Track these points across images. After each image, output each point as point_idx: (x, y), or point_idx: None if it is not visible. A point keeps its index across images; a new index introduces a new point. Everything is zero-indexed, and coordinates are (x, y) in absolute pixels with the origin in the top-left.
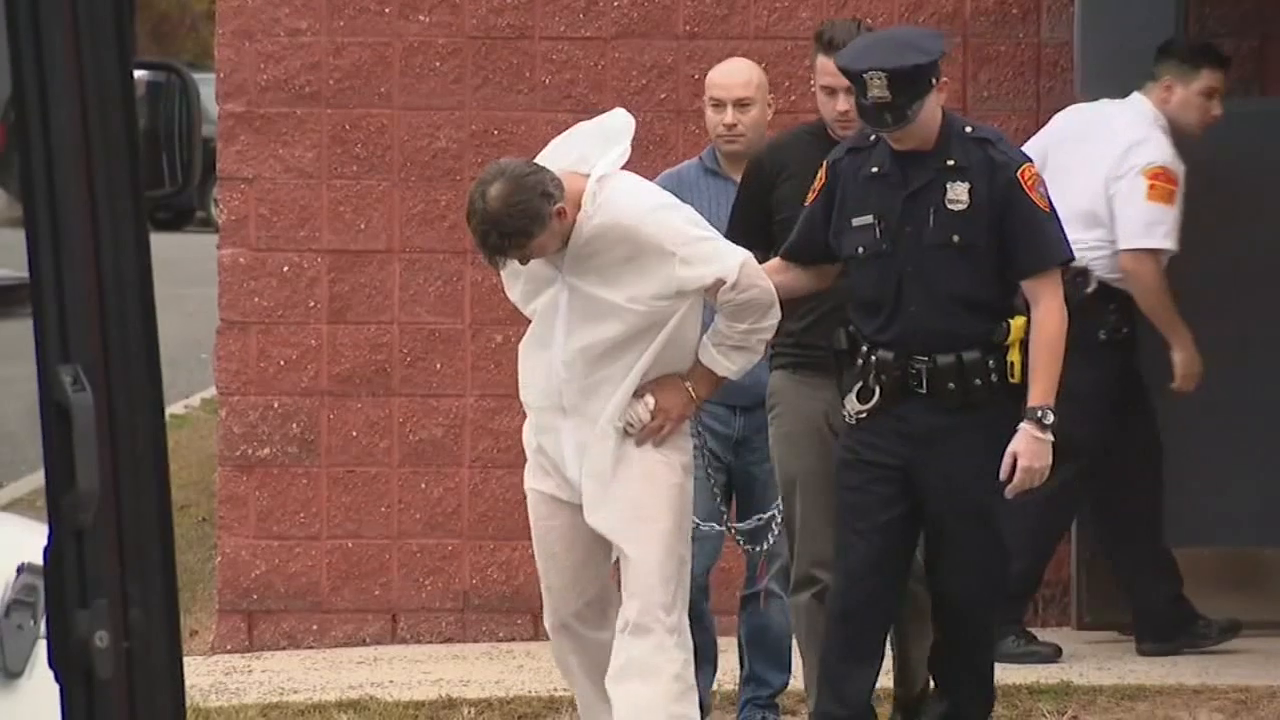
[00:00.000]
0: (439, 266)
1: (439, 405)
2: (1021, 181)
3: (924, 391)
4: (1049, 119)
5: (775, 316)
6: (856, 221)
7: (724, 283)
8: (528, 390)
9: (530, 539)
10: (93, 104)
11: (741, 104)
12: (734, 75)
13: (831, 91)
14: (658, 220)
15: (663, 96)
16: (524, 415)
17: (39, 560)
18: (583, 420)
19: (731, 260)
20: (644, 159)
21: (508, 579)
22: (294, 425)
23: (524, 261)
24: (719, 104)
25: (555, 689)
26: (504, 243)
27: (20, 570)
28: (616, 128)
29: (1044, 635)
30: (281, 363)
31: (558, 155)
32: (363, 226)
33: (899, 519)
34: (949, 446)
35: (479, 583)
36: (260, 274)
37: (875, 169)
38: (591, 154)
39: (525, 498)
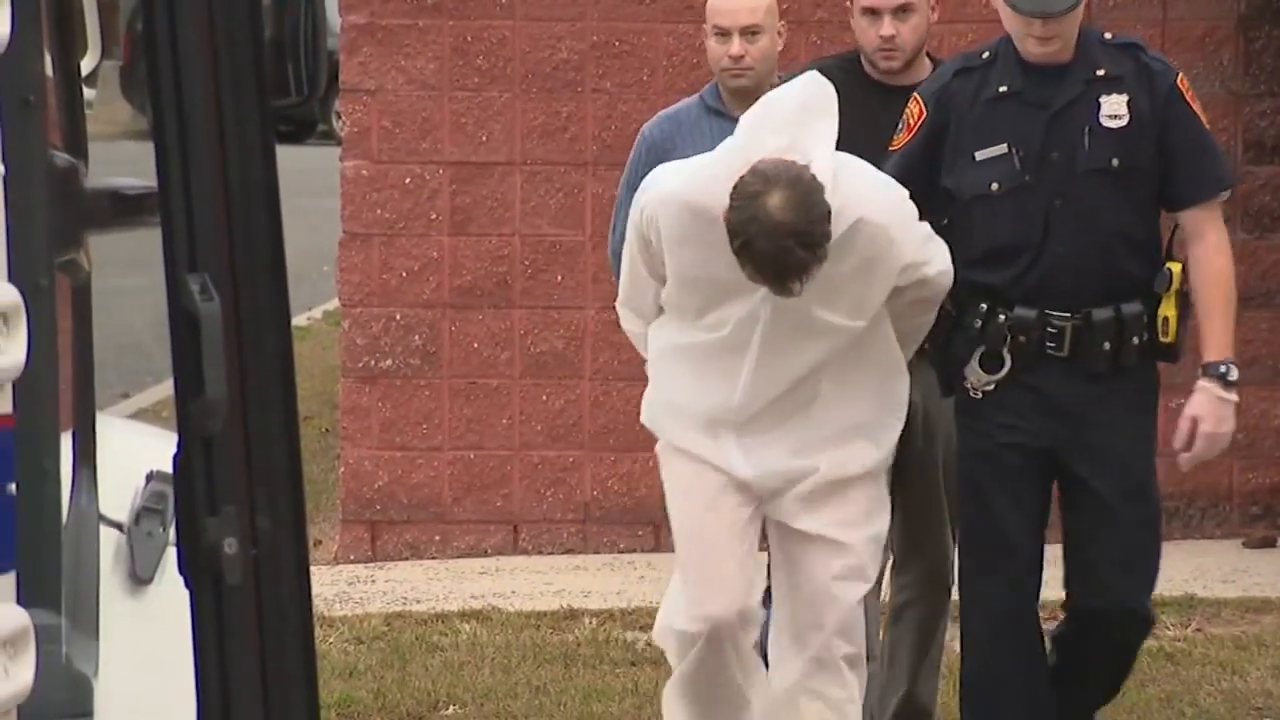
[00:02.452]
0: (560, 178)
1: (560, 317)
2: (1182, 91)
3: (1064, 355)
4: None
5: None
6: (984, 154)
7: (928, 279)
8: (687, 406)
9: (650, 450)
10: (219, 13)
11: (749, 32)
12: (739, 0)
13: (874, 14)
14: (904, 214)
15: (784, 6)
16: None
17: (168, 468)
18: (759, 434)
19: (946, 252)
20: None
21: (629, 490)
22: (416, 337)
23: (801, 289)
24: (723, 33)
25: None
26: (809, 257)
27: (149, 478)
28: (817, 99)
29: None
30: (403, 274)
31: (758, 142)
32: (484, 138)
33: (1043, 517)
34: (1100, 420)
35: (600, 494)
36: (382, 186)
37: (1003, 88)
38: (801, 137)
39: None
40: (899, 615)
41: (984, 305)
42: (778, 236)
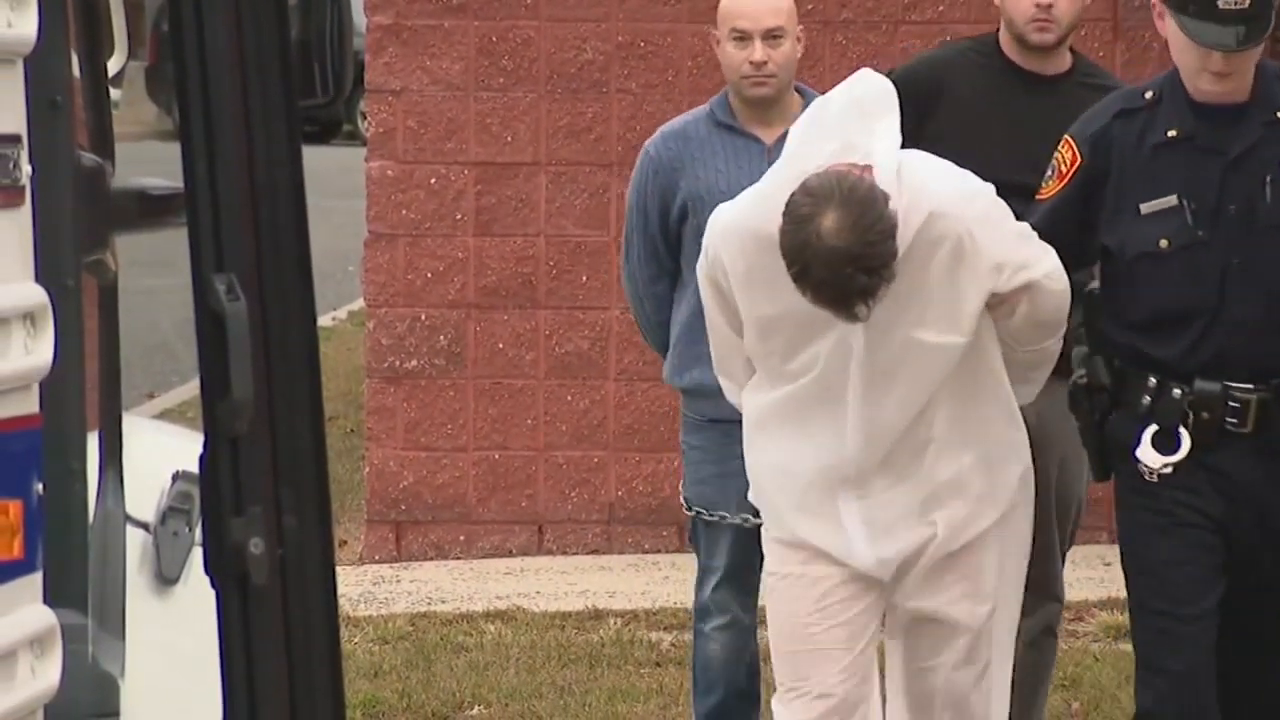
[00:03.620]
0: (585, 179)
1: (585, 318)
2: None
3: (1249, 431)
4: None
5: (1063, 330)
6: (1150, 207)
7: (1037, 284)
8: (796, 469)
9: (675, 450)
10: (246, 13)
11: (772, 36)
12: (762, 1)
13: None
14: (985, 207)
15: (810, 7)
16: None
17: (194, 468)
18: (879, 493)
19: (1054, 257)
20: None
21: (653, 491)
22: (441, 337)
23: (870, 312)
24: (743, 37)
25: None
26: (873, 281)
27: (175, 478)
28: (874, 97)
29: None
30: (428, 275)
31: (810, 150)
32: (509, 139)
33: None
34: (1276, 498)
35: (625, 494)
36: (407, 186)
37: (1171, 132)
38: (858, 139)
39: (670, 410)
40: None
41: (1153, 379)
42: (835, 264)
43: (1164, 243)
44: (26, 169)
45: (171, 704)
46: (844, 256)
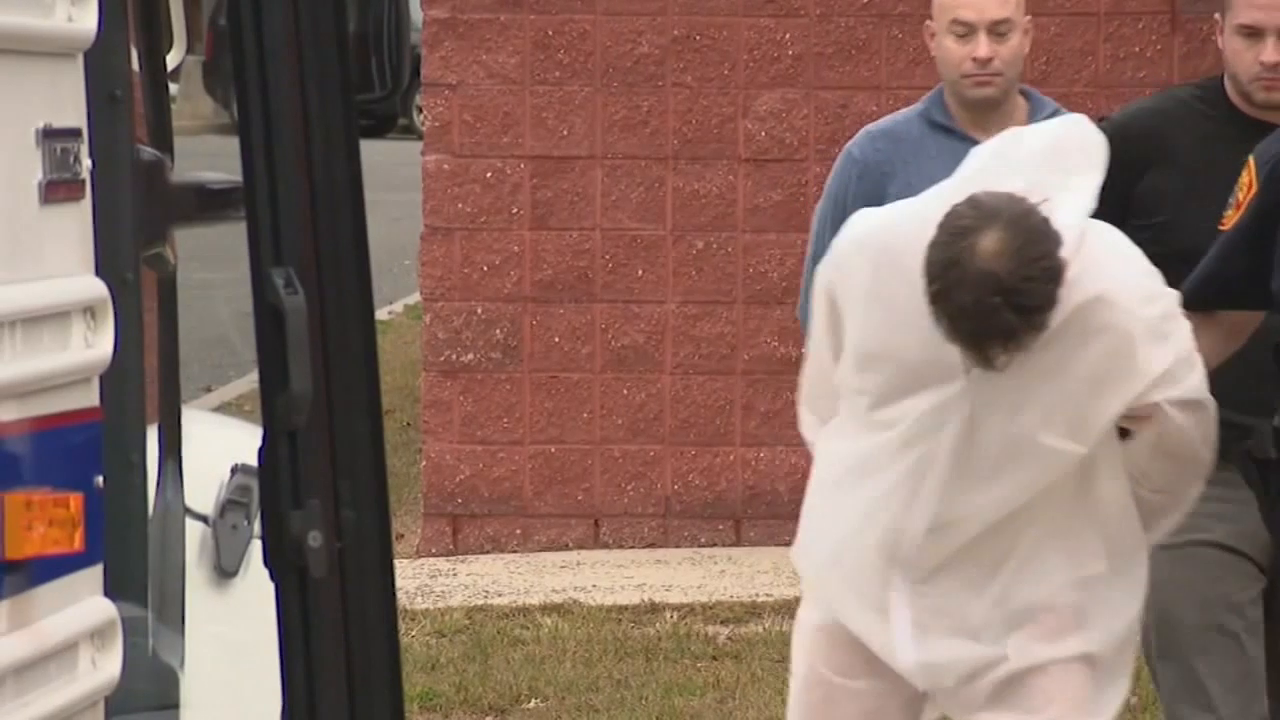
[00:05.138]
0: (641, 172)
1: (640, 311)
2: None
3: None
4: None
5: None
6: None
7: (1167, 414)
8: (852, 540)
9: (731, 444)
10: (304, 8)
11: (997, 29)
12: None
13: (1253, 33)
14: (1162, 313)
15: (865, 0)
16: (727, 321)
17: (253, 461)
18: (939, 594)
19: (1199, 378)
20: (844, 64)
21: (709, 485)
22: (497, 331)
23: (1007, 365)
24: (967, 30)
25: (757, 594)
26: (1020, 323)
27: (234, 471)
28: (1079, 148)
29: None
30: (485, 268)
31: (990, 178)
32: (565, 133)
33: None
34: None
35: (681, 488)
36: (464, 180)
37: None
38: (1047, 183)
39: (725, 404)
40: None
41: None
42: (982, 289)
43: None
44: (86, 163)
45: (231, 696)
46: (995, 284)
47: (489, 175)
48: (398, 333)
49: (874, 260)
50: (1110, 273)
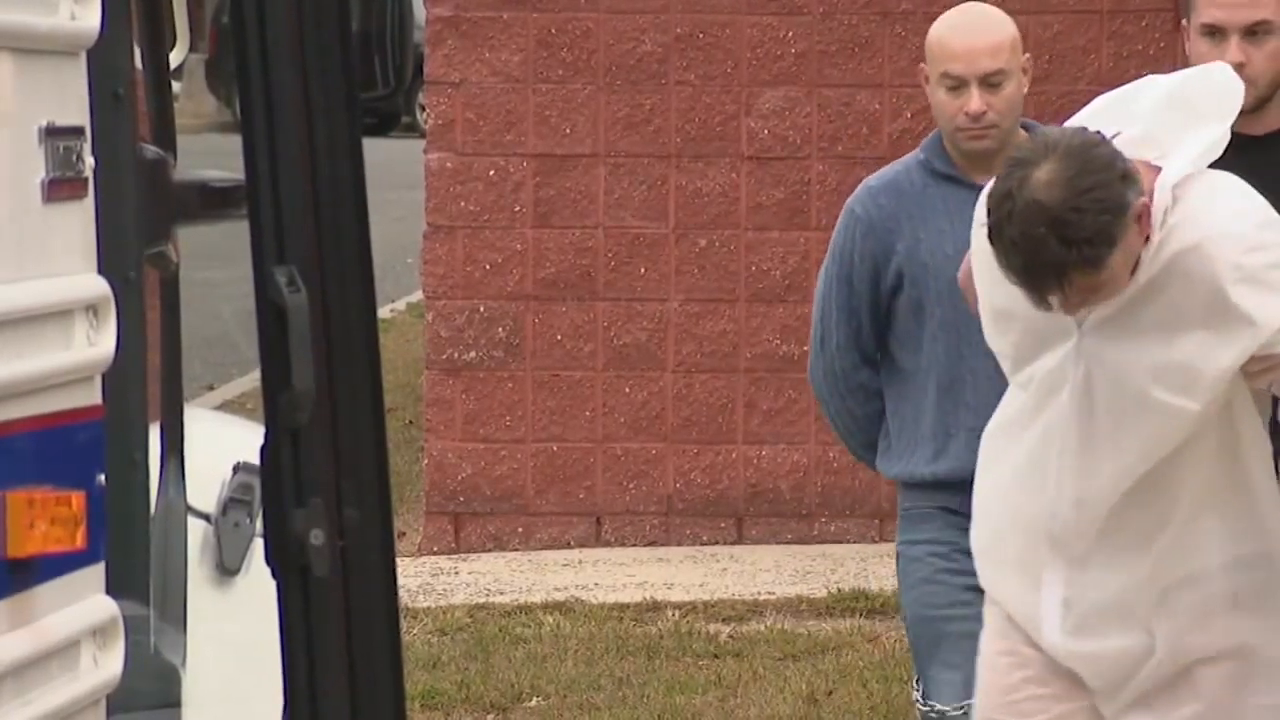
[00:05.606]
0: (643, 171)
1: (643, 309)
2: None
3: None
4: None
5: None
6: None
7: None
8: (1005, 516)
9: (733, 442)
10: (307, 6)
11: (990, 81)
12: (976, 36)
13: (1217, 33)
14: (1270, 262)
15: None
16: (729, 319)
17: (255, 460)
18: (1093, 570)
19: None
20: (847, 61)
21: (711, 483)
22: (499, 329)
23: (1077, 304)
24: (957, 82)
25: (759, 592)
26: (1069, 256)
27: (236, 469)
28: (1207, 94)
29: None
30: (487, 267)
31: (1105, 122)
32: (568, 131)
33: None
34: None
35: (682, 486)
36: (466, 178)
37: None
38: (1163, 134)
39: (727, 402)
40: None
41: None
42: (1030, 220)
43: None
44: (89, 161)
45: (232, 694)
46: (1042, 214)
47: (492, 173)
48: (400, 331)
49: (980, 212)
50: (1213, 221)
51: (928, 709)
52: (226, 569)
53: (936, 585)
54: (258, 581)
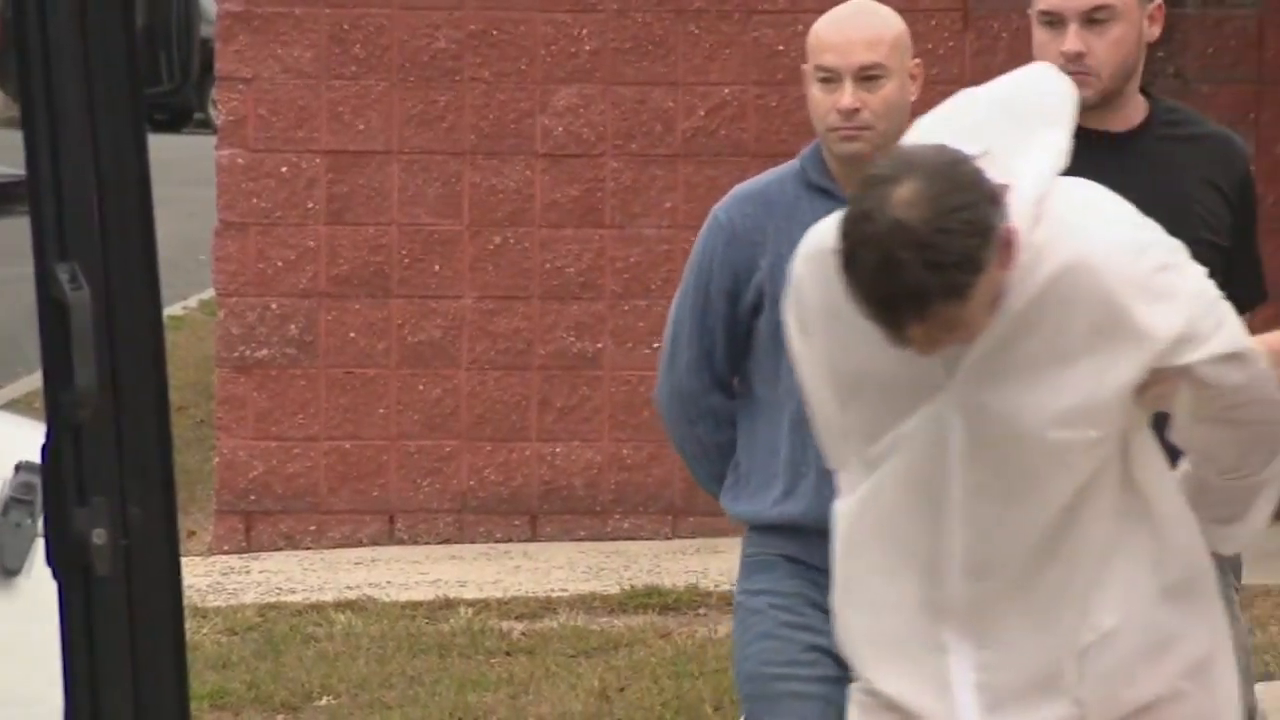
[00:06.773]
0: (437, 168)
1: (437, 307)
2: None
3: None
4: None
5: None
6: None
7: (1215, 375)
8: (881, 602)
9: (527, 440)
10: (91, 0)
11: (867, 75)
12: (854, 29)
13: (1055, 21)
14: (1155, 265)
15: None
16: (523, 317)
17: (36, 458)
18: (1007, 645)
19: (1235, 323)
20: (641, 59)
21: (505, 480)
22: (292, 326)
23: (933, 342)
24: (830, 76)
25: (552, 589)
26: (933, 282)
27: (18, 468)
28: (1039, 100)
29: None
30: (280, 264)
31: (940, 140)
32: (361, 127)
33: None
34: None
35: (476, 484)
36: (258, 175)
37: None
38: (1004, 147)
39: (520, 400)
40: None
41: None
42: (891, 243)
43: None
44: None
45: (14, 696)
46: (905, 236)
47: (284, 170)
48: (192, 329)
49: (821, 269)
50: (1083, 235)
51: None
52: (8, 570)
53: (776, 641)
54: (40, 582)
